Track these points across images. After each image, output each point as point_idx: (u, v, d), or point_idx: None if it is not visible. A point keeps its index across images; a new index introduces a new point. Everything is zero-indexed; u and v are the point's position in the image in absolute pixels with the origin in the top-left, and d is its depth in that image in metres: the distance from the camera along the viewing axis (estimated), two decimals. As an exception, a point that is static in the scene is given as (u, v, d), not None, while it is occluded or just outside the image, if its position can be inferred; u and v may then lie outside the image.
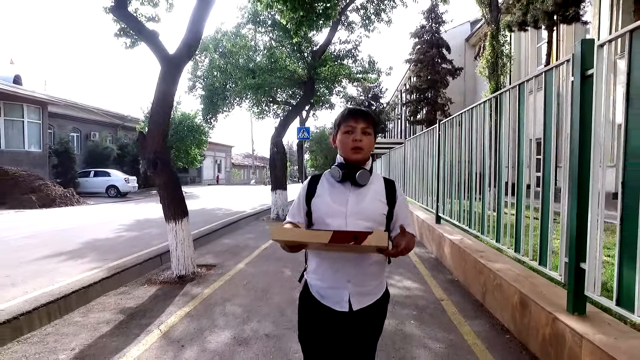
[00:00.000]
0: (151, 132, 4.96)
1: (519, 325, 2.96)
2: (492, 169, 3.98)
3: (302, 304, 1.59)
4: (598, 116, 2.25)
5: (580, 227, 2.37)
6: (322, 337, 1.52)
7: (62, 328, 3.34)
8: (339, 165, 1.52)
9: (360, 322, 1.50)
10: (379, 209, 1.50)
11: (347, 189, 1.50)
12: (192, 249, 5.06)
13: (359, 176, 1.47)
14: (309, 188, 1.57)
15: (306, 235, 1.28)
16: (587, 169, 2.32)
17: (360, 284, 1.49)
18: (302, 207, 1.56)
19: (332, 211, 1.47)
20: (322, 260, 1.51)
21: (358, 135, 1.47)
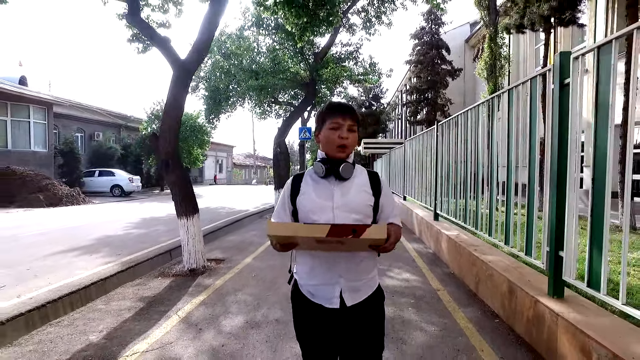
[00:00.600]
0: (163, 134, 5.25)
1: (507, 310, 3.24)
2: (486, 169, 4.26)
3: (295, 304, 1.58)
4: (574, 120, 2.54)
5: (559, 220, 2.66)
6: (317, 336, 1.51)
7: (87, 314, 3.63)
8: (321, 161, 1.49)
9: (355, 320, 1.49)
10: (365, 200, 1.49)
11: (331, 184, 1.49)
12: (202, 244, 5.35)
13: (343, 170, 1.46)
14: (292, 187, 1.55)
15: (303, 229, 1.25)
16: (564, 169, 2.60)
17: (352, 278, 1.48)
18: (287, 206, 1.54)
19: (318, 206, 1.46)
20: (313, 257, 1.49)
21: (344, 132, 1.45)
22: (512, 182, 3.54)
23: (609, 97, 2.16)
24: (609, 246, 2.22)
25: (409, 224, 8.52)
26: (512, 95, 3.49)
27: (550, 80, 2.75)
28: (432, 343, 2.91)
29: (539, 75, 2.97)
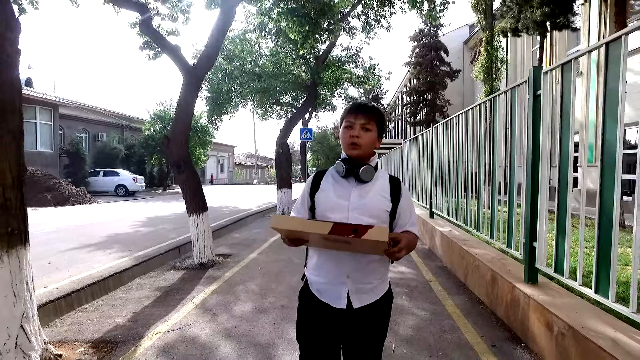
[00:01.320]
0: (175, 137, 5.61)
1: (490, 297, 3.60)
2: (475, 170, 4.61)
3: (302, 301, 1.58)
4: (544, 127, 2.89)
5: (533, 215, 3.02)
6: (320, 336, 1.51)
7: (111, 301, 3.99)
8: (343, 161, 1.51)
9: (361, 322, 1.48)
10: (382, 205, 1.47)
11: (351, 185, 1.49)
12: (211, 240, 5.71)
13: (363, 172, 1.46)
14: (313, 183, 1.56)
15: (306, 225, 1.27)
16: (537, 169, 2.96)
17: (359, 280, 1.46)
18: (306, 201, 1.56)
19: (335, 205, 1.46)
20: (321, 255, 1.50)
21: (356, 131, 1.45)
22: (496, 182, 3.90)
23: (570, 106, 2.52)
24: (570, 238, 2.57)
25: (407, 222, 8.87)
26: (495, 102, 3.85)
27: (526, 91, 3.11)
28: (422, 325, 3.27)
29: (517, 85, 3.33)
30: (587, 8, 13.10)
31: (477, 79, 14.16)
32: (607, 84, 2.14)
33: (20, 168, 2.46)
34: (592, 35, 12.95)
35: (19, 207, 2.42)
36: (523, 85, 3.20)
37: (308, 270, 1.57)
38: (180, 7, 7.11)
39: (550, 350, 2.48)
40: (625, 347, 1.95)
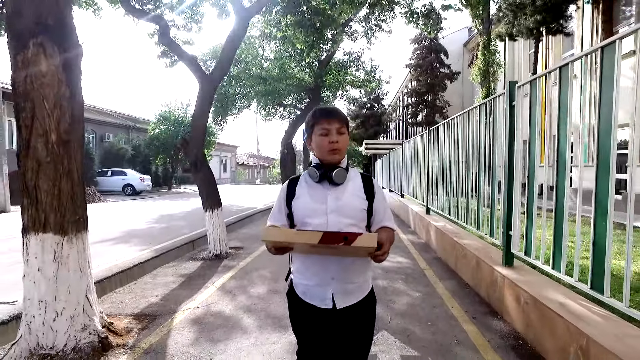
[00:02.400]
0: (192, 139, 6.14)
1: (475, 280, 4.12)
2: (464, 170, 5.13)
3: (290, 302, 1.62)
4: (518, 133, 3.41)
5: (510, 208, 3.54)
6: (311, 333, 1.57)
7: (140, 286, 4.52)
8: (315, 166, 1.53)
9: (345, 322, 1.52)
10: (358, 205, 1.52)
11: (325, 188, 1.52)
12: (225, 233, 6.24)
13: (336, 175, 1.48)
14: (288, 190, 1.58)
15: (296, 236, 1.28)
16: (512, 170, 3.48)
17: (344, 280, 1.50)
18: (282, 209, 1.58)
19: (312, 210, 1.49)
20: (305, 258, 1.53)
21: (334, 136, 1.48)
22: (482, 181, 4.42)
23: (536, 117, 3.04)
24: (536, 227, 3.10)
25: (405, 219, 9.39)
26: (481, 110, 4.36)
27: (503, 101, 3.63)
28: (415, 303, 3.80)
29: (497, 96, 3.85)
30: (581, 14, 13.60)
31: (475, 82, 14.67)
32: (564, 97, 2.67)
33: (82, 168, 2.99)
34: (585, 40, 13.46)
35: (82, 199, 2.96)
36: (502, 97, 3.72)
37: (294, 273, 1.60)
38: (194, 18, 7.66)
39: (518, 317, 3.00)
40: (568, 308, 2.47)
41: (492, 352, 2.73)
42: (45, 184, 2.73)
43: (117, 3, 6.88)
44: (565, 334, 2.34)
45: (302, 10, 6.67)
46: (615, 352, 1.91)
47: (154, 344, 2.93)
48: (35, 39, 2.66)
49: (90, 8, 7.54)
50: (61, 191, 2.78)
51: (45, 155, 2.71)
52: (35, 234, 2.71)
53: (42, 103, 2.69)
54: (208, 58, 15.99)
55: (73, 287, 2.80)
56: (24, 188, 2.75)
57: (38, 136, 2.70)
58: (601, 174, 2.24)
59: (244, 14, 5.90)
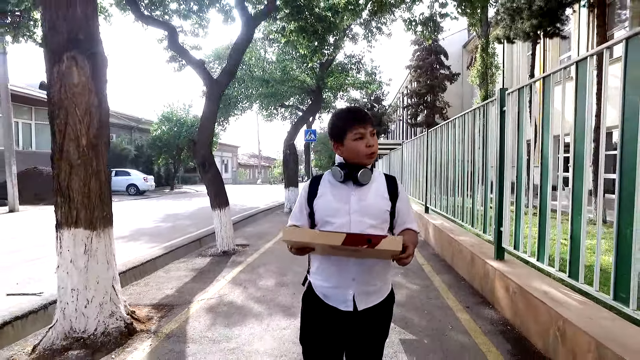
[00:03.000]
0: (200, 140, 6.42)
1: (470, 274, 4.40)
2: (460, 171, 5.40)
3: (306, 305, 1.58)
4: (508, 136, 3.69)
5: (501, 206, 3.81)
6: (325, 338, 1.52)
7: (155, 279, 4.80)
8: (339, 166, 1.51)
9: (365, 323, 1.50)
10: (382, 206, 1.49)
11: (349, 188, 1.50)
12: (232, 231, 6.52)
13: (361, 175, 1.47)
14: (310, 189, 1.56)
15: (318, 236, 1.25)
16: (503, 170, 3.75)
17: (365, 282, 1.48)
18: (304, 208, 1.56)
19: (335, 210, 1.47)
20: (325, 259, 1.50)
21: (370, 140, 1.46)
22: (476, 181, 4.69)
23: (523, 122, 3.32)
24: (524, 223, 3.37)
25: (405, 218, 9.67)
26: (475, 114, 4.64)
27: (495, 107, 3.90)
28: (413, 294, 4.07)
29: (489, 102, 4.12)
30: (577, 17, 13.86)
31: (473, 84, 14.93)
32: (547, 105, 2.95)
33: (107, 169, 3.27)
34: (582, 43, 13.73)
35: (109, 197, 3.24)
36: (494, 102, 4.00)
37: (312, 274, 1.58)
38: (201, 24, 7.94)
39: (507, 306, 3.28)
40: (550, 295, 2.75)
41: (482, 336, 3.00)
42: (77, 184, 3.01)
43: (127, 10, 7.15)
44: (546, 318, 2.61)
45: (306, 17, 6.95)
46: (587, 331, 2.18)
47: (174, 329, 3.21)
48: (68, 53, 2.94)
49: (102, 15, 7.82)
50: (90, 190, 3.06)
51: (77, 158, 2.99)
52: (68, 229, 2.99)
53: (74, 111, 2.97)
54: (211, 60, 16.29)
55: (101, 277, 3.08)
56: (58, 187, 3.03)
57: (70, 140, 2.98)
58: (577, 175, 2.51)
59: (250, 22, 6.18)
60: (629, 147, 2.06)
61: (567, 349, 2.35)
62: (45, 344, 2.88)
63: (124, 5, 7.27)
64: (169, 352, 2.82)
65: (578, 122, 2.48)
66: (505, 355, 2.69)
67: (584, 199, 2.43)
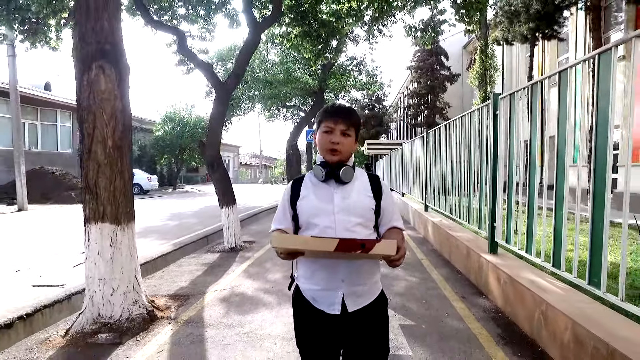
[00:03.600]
0: (209, 141, 6.69)
1: (466, 267, 4.67)
2: (457, 171, 5.67)
3: (297, 309, 1.55)
4: (500, 137, 3.96)
5: (494, 204, 4.08)
6: (319, 343, 1.50)
7: (168, 273, 5.08)
8: (321, 164, 1.48)
9: (358, 326, 1.47)
10: (366, 204, 1.48)
11: (331, 187, 1.48)
12: (239, 228, 6.80)
13: (343, 173, 1.45)
14: (292, 191, 1.54)
15: (310, 243, 1.22)
16: (496, 169, 4.03)
17: (354, 282, 1.45)
18: (287, 211, 1.54)
19: (319, 210, 1.45)
20: (313, 262, 1.46)
21: (336, 137, 1.44)
22: (472, 180, 4.97)
23: (514, 125, 3.59)
24: (515, 219, 3.65)
25: (406, 216, 9.93)
26: (472, 116, 4.91)
27: (489, 111, 4.17)
28: (412, 286, 4.35)
29: (484, 106, 4.39)
30: (575, 19, 14.12)
31: (472, 85, 15.21)
32: (534, 112, 3.22)
33: (131, 168, 3.55)
34: (579, 45, 13.98)
35: (131, 195, 3.51)
36: (488, 106, 4.27)
37: (299, 278, 1.54)
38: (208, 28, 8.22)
39: (499, 295, 3.55)
40: (536, 284, 3.02)
41: (475, 322, 3.28)
42: (103, 182, 3.28)
43: (137, 15, 7.42)
44: (531, 303, 2.89)
45: (310, 22, 7.22)
46: (565, 313, 2.45)
47: (192, 316, 3.49)
48: (97, 62, 3.22)
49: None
50: (116, 188, 3.33)
51: (104, 158, 3.27)
52: (96, 223, 3.27)
53: (102, 115, 3.24)
54: (214, 61, 16.58)
55: (125, 268, 3.36)
56: (86, 185, 3.30)
57: (98, 142, 3.25)
58: (559, 174, 2.79)
59: (257, 27, 6.45)
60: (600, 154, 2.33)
61: (548, 330, 2.62)
62: (77, 328, 3.16)
63: (134, 11, 7.55)
64: (189, 335, 3.09)
65: (560, 127, 2.75)
66: (495, 337, 2.97)
67: (565, 195, 2.71)
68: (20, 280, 4.33)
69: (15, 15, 5.50)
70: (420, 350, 2.79)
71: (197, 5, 7.82)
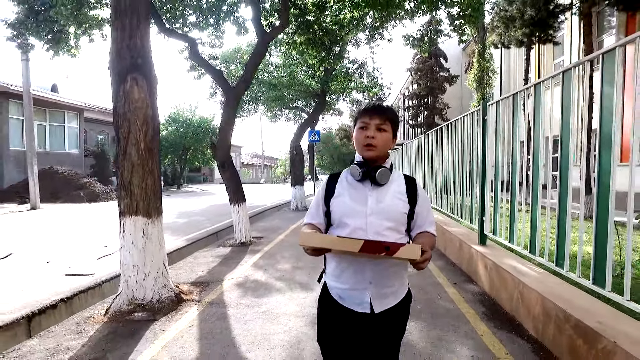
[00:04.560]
0: (220, 143, 7.14)
1: (458, 258, 5.12)
2: (452, 171, 6.11)
3: (322, 306, 1.58)
4: (492, 143, 4.40)
5: (483, 200, 4.53)
6: (342, 339, 1.51)
7: (186, 265, 5.53)
8: (358, 164, 1.48)
9: (383, 325, 1.49)
10: (400, 208, 1.46)
11: (367, 188, 1.47)
12: (249, 224, 7.25)
13: (379, 175, 1.44)
14: (327, 187, 1.55)
15: (335, 242, 1.26)
16: (484, 169, 4.47)
17: (381, 284, 1.46)
18: (320, 207, 1.55)
19: (352, 211, 1.45)
20: (341, 261, 1.48)
21: (371, 132, 1.43)
22: (465, 179, 5.41)
23: (500, 129, 4.04)
24: (500, 213, 4.10)
25: (405, 214, 10.40)
26: (465, 121, 5.35)
27: (478, 116, 4.62)
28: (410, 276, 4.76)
29: (475, 111, 4.84)
30: (570, 23, 14.54)
31: (470, 87, 15.64)
32: (516, 120, 3.66)
33: (159, 169, 3.99)
34: (574, 49, 14.41)
35: (160, 192, 3.96)
36: (478, 112, 4.71)
37: (328, 275, 1.57)
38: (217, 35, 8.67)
39: (486, 281, 4.00)
40: (517, 269, 3.47)
41: (464, 303, 3.72)
42: (137, 180, 3.73)
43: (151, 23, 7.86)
44: (512, 286, 3.33)
45: (314, 30, 7.66)
46: (537, 290, 2.89)
47: (214, 299, 3.94)
48: (131, 75, 3.67)
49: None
50: (147, 185, 3.78)
51: (137, 159, 3.72)
52: (130, 217, 3.72)
53: (135, 121, 3.69)
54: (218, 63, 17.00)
55: (155, 256, 3.81)
56: (122, 183, 3.75)
57: (132, 145, 3.70)
58: (534, 173, 3.23)
59: (265, 36, 6.90)
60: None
61: (524, 307, 3.07)
62: (115, 308, 3.61)
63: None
64: (214, 313, 3.54)
65: (535, 132, 3.20)
66: (480, 315, 3.41)
67: (539, 192, 3.15)
68: (53, 270, 4.78)
69: (42, 26, 5.94)
70: (415, 324, 3.24)
71: (207, 14, 8.26)
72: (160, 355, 2.76)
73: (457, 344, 2.87)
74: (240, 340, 2.98)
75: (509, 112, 3.82)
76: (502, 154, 4.05)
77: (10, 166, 17.58)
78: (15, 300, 3.54)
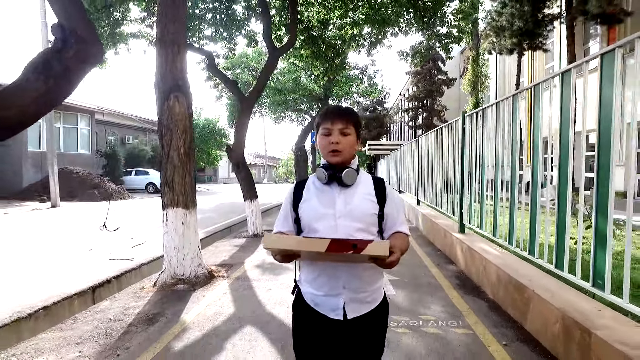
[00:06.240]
0: (235, 146, 8.01)
1: (443, 245, 5.99)
2: (445, 171, 6.97)
3: (297, 313, 1.55)
4: (468, 148, 5.26)
5: (462, 194, 5.38)
6: (317, 347, 1.49)
7: (209, 252, 6.40)
8: (323, 167, 1.47)
9: (357, 333, 1.46)
10: (369, 209, 1.45)
11: (334, 190, 1.47)
12: (260, 218, 8.13)
13: (345, 175, 1.43)
14: (294, 194, 1.54)
15: (301, 243, 1.24)
16: (463, 169, 5.33)
17: (355, 289, 1.44)
18: (289, 214, 1.53)
19: (321, 214, 1.44)
20: (315, 266, 1.46)
21: (335, 137, 1.42)
22: (451, 178, 6.27)
23: (482, 135, 4.91)
24: (475, 206, 4.96)
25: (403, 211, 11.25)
26: (449, 128, 6.21)
27: (459, 124, 5.48)
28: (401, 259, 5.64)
29: (455, 120, 5.70)
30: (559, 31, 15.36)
31: (465, 91, 16.48)
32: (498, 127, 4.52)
33: (194, 170, 4.87)
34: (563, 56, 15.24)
35: (195, 188, 4.83)
36: (458, 121, 5.57)
37: (301, 282, 1.54)
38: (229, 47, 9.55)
39: (462, 261, 4.87)
40: (484, 250, 4.33)
41: (443, 278, 4.59)
42: (177, 179, 4.60)
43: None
44: (479, 262, 4.19)
45: (318, 44, 8.53)
46: (495, 264, 3.75)
47: (239, 275, 4.81)
48: (173, 94, 4.54)
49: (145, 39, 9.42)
50: (185, 183, 4.65)
51: (178, 162, 4.59)
52: (172, 208, 4.59)
53: (177, 131, 4.56)
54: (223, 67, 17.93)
55: (191, 241, 4.68)
56: (165, 181, 4.62)
57: (174, 150, 4.57)
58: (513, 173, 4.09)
59: (276, 52, 7.78)
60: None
61: (486, 278, 3.93)
62: (161, 282, 4.49)
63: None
64: (241, 285, 4.42)
65: (512, 138, 4.06)
66: (454, 285, 4.28)
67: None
68: (96, 257, 5.64)
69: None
70: (401, 292, 4.10)
71: (221, 28, 9.14)
72: (205, 310, 3.64)
73: (432, 304, 3.73)
74: (265, 302, 3.86)
75: (480, 122, 4.67)
76: (477, 156, 4.91)
77: (28, 166, 18.49)
78: (77, 277, 4.41)
